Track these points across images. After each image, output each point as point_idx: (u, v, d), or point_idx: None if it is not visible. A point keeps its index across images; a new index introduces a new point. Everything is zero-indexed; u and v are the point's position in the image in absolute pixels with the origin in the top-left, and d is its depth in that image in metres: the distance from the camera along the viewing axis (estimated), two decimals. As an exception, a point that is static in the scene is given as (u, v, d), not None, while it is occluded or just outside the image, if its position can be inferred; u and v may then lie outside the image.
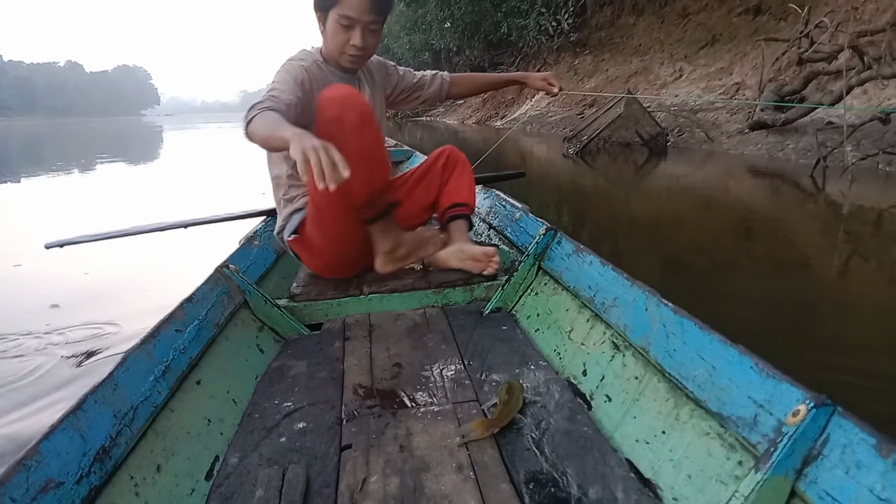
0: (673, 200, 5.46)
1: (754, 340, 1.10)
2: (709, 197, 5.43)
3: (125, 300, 3.35)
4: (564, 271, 1.75)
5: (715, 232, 4.14)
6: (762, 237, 3.95)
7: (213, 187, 8.00)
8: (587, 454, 1.16)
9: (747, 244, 3.78)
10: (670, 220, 4.59)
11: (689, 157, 8.36)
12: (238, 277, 1.79)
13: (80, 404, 1.04)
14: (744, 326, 1.55)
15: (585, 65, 17.32)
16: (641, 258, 3.41)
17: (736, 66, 11.27)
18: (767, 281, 2.94)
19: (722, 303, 2.55)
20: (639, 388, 1.28)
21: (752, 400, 0.99)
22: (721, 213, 4.79)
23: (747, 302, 2.59)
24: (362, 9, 1.74)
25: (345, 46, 1.81)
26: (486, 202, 2.68)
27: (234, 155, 14.73)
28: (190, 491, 1.14)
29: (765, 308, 2.52)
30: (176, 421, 1.26)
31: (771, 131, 7.86)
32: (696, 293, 2.65)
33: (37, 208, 6.73)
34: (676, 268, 3.21)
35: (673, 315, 1.24)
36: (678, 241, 3.88)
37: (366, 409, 1.36)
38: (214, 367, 1.49)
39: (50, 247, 2.28)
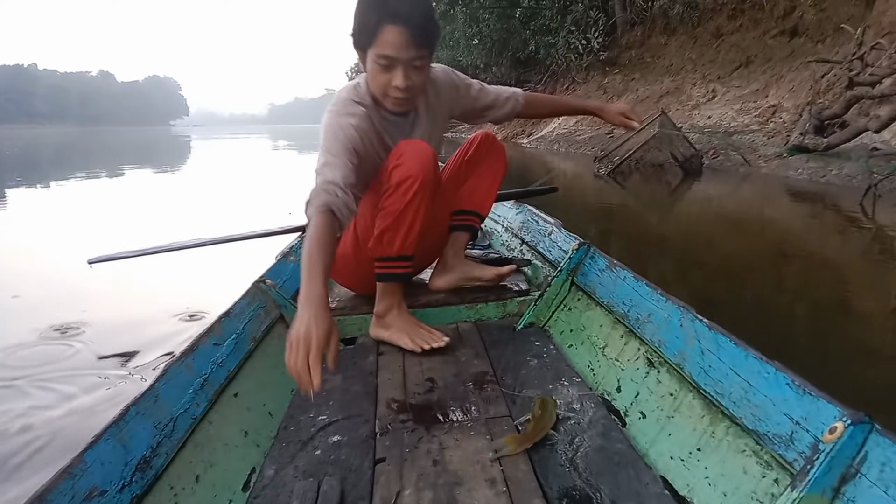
0: (709, 223, 5.36)
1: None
2: (749, 222, 5.28)
3: (164, 314, 3.43)
4: (598, 286, 1.74)
5: (756, 260, 4.01)
6: (810, 266, 3.81)
7: (244, 202, 8.13)
8: (621, 471, 1.15)
9: (792, 273, 3.67)
10: (706, 244, 4.50)
11: (725, 179, 8.20)
12: (274, 292, 1.82)
13: (122, 415, 1.07)
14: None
15: (615, 84, 17.23)
16: (677, 281, 3.37)
17: (772, 89, 11.09)
18: (817, 315, 2.84)
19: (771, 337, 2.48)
20: (674, 404, 1.27)
21: (789, 417, 0.97)
22: (765, 240, 4.62)
23: (793, 336, 2.52)
24: (400, 45, 1.51)
25: (387, 88, 1.60)
26: (518, 217, 2.69)
27: (262, 167, 15.01)
28: (227, 502, 1.16)
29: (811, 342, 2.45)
30: (214, 433, 1.28)
31: (812, 156, 7.65)
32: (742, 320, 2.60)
33: (75, 220, 6.91)
34: (715, 295, 3.15)
35: (708, 331, 1.23)
36: (713, 267, 3.79)
37: (399, 424, 1.38)
38: (251, 380, 1.52)
39: (93, 262, 2.36)
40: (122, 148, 27.20)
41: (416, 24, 1.51)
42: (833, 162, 7.28)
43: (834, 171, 7.12)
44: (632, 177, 8.61)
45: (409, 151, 1.64)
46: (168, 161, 17.78)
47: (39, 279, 4.17)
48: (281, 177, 11.38)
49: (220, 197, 9.06)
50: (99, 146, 28.31)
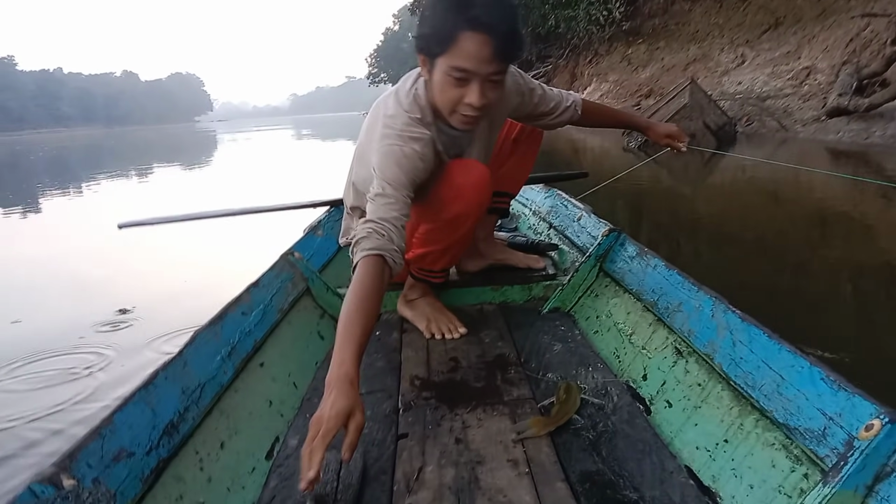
0: (745, 193, 5.16)
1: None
2: (787, 190, 5.09)
3: (193, 283, 3.49)
4: (627, 274, 1.72)
5: (794, 232, 3.88)
6: (851, 237, 3.67)
7: (273, 186, 8.21)
8: (645, 458, 1.14)
9: (834, 246, 3.54)
10: (741, 217, 4.37)
11: (760, 146, 7.90)
12: (302, 265, 1.83)
13: (151, 379, 1.08)
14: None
15: (639, 54, 16.67)
16: (712, 258, 3.29)
17: (804, 50, 10.58)
18: (862, 296, 2.75)
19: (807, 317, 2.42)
20: (701, 394, 1.25)
21: (822, 412, 0.95)
22: (803, 210, 4.44)
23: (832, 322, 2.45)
24: (481, 57, 1.29)
25: (457, 105, 1.39)
26: (546, 201, 2.66)
27: (288, 155, 15.06)
28: (251, 469, 1.18)
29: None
30: (240, 401, 1.30)
31: (852, 118, 7.31)
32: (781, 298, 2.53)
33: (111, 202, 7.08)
34: (750, 276, 3.08)
35: (741, 322, 1.21)
36: (747, 243, 3.68)
37: (422, 400, 1.38)
38: (277, 350, 1.54)
39: (123, 227, 2.39)
40: (152, 146, 27.50)
41: (503, 33, 1.29)
42: (876, 122, 6.99)
43: (877, 132, 6.83)
44: (662, 148, 8.44)
45: (468, 186, 1.53)
46: (198, 156, 18.02)
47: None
48: (306, 161, 11.43)
49: (250, 183, 9.17)
50: (128, 146, 28.56)
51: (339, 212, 2.37)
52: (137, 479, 0.94)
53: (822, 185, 5.06)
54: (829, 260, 3.28)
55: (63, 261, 4.44)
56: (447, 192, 1.54)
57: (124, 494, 0.91)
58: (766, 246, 3.57)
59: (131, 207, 6.91)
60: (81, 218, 6.78)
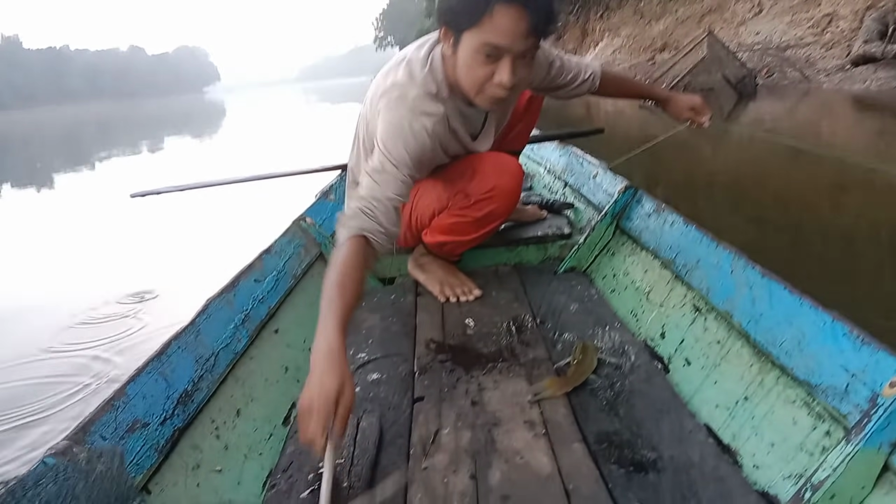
0: (766, 150, 4.98)
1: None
2: (814, 142, 4.92)
3: (203, 251, 3.52)
4: (644, 231, 1.68)
5: (815, 192, 3.75)
6: (877, 193, 3.54)
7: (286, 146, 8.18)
8: (663, 417, 1.13)
9: (857, 205, 3.43)
10: (762, 176, 4.24)
11: (783, 98, 7.64)
12: (314, 230, 1.82)
13: (163, 349, 1.09)
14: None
15: (652, 6, 16.03)
16: (732, 218, 3.22)
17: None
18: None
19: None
20: (720, 352, 1.23)
21: (845, 369, 0.92)
22: (827, 168, 4.29)
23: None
24: (516, 33, 1.19)
25: (485, 84, 1.29)
26: (561, 159, 2.61)
27: (298, 117, 14.87)
28: (268, 436, 1.18)
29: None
30: (255, 368, 1.30)
31: (880, 65, 7.03)
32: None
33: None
34: (769, 238, 3.01)
35: (761, 278, 1.17)
36: (767, 205, 3.58)
37: (437, 363, 1.37)
38: (292, 316, 1.54)
39: (135, 196, 2.39)
40: (165, 117, 27.45)
41: (539, 6, 1.19)
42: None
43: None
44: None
45: (504, 189, 1.50)
46: (209, 125, 18.05)
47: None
48: (315, 124, 11.34)
49: (262, 147, 9.15)
50: (144, 119, 28.50)
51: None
52: (153, 449, 0.95)
53: (843, 138, 4.92)
54: (850, 218, 3.19)
55: (81, 232, 4.51)
56: (480, 189, 1.51)
57: (140, 465, 0.91)
58: (787, 205, 3.48)
59: (146, 179, 6.94)
60: (97, 190, 6.83)
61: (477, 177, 1.52)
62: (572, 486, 0.97)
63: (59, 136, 20.63)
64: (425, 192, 1.62)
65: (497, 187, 1.51)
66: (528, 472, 1.01)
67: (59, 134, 21.87)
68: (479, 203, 1.53)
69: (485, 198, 1.52)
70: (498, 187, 1.51)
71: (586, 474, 0.99)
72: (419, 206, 1.65)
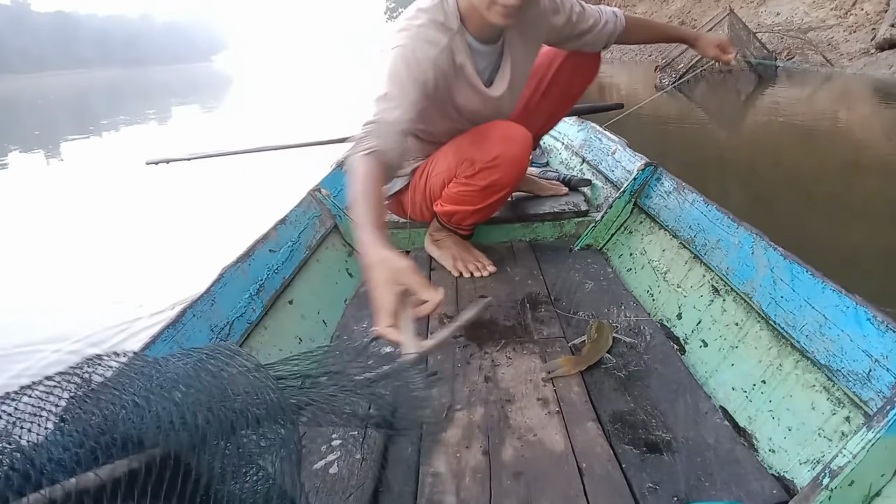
0: (790, 139, 4.87)
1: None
2: (843, 138, 4.76)
3: (219, 219, 3.53)
4: (663, 209, 1.66)
5: (840, 188, 3.66)
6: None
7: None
8: (678, 398, 1.12)
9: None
10: (785, 168, 4.15)
11: (805, 82, 7.39)
12: (329, 201, 1.81)
13: (179, 317, 1.08)
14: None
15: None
16: (747, 200, 3.15)
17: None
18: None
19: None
20: (738, 334, 1.21)
21: (867, 354, 0.91)
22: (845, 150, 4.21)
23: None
24: None
25: (490, 4, 1.30)
26: (579, 135, 2.57)
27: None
28: None
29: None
30: (269, 338, 1.30)
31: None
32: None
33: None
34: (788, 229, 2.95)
35: (783, 260, 1.15)
36: (788, 201, 3.47)
37: (451, 339, 1.37)
38: (306, 288, 1.53)
39: (150, 163, 2.39)
40: (171, 86, 27.24)
41: None
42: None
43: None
44: (698, 86, 7.88)
45: (508, 158, 1.48)
46: (216, 95, 17.86)
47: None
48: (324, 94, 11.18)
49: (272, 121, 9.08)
50: (160, 86, 28.28)
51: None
52: None
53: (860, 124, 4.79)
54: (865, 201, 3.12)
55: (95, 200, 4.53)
56: (484, 157, 1.49)
57: None
58: (800, 186, 3.39)
59: (159, 146, 6.95)
60: (111, 157, 6.85)
61: (482, 145, 1.50)
62: (585, 464, 0.96)
63: (68, 102, 20.55)
64: (437, 162, 1.61)
65: (501, 155, 1.48)
66: (541, 449, 1.00)
67: (69, 100, 21.80)
68: (484, 171, 1.51)
69: (489, 166, 1.50)
70: (502, 155, 1.48)
71: (599, 453, 0.99)
72: (432, 176, 1.64)
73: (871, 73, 7.12)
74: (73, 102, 20.08)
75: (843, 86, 6.98)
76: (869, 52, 7.44)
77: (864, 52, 7.57)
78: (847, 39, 8.31)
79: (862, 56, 7.56)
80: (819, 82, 7.31)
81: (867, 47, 7.55)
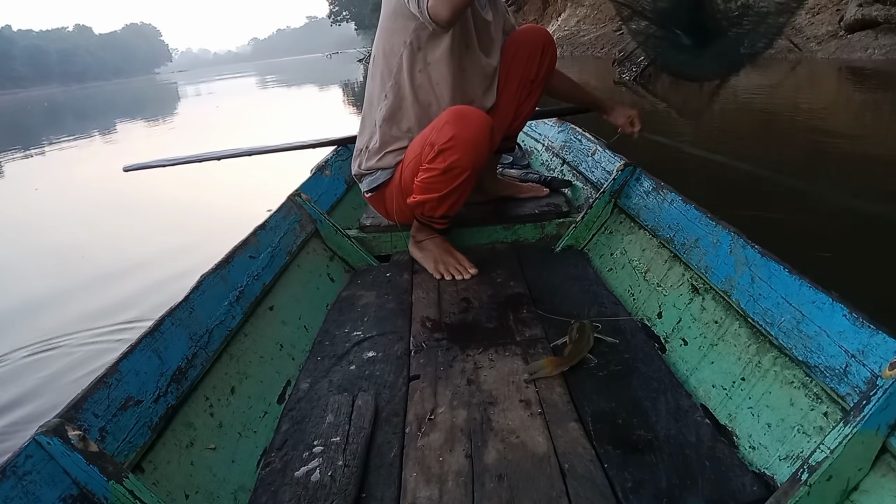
0: (756, 129, 4.80)
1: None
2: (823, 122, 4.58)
3: (198, 227, 3.49)
4: (642, 209, 1.67)
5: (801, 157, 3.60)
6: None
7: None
8: (660, 397, 1.13)
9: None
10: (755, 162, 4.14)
11: (770, 70, 6.99)
12: (310, 206, 1.80)
13: (157, 326, 1.07)
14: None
15: None
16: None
17: None
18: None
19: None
20: (718, 332, 1.22)
21: (844, 350, 0.92)
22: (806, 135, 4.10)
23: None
24: None
25: None
26: (559, 136, 2.58)
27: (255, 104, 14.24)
28: (262, 413, 1.18)
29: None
30: (250, 345, 1.29)
31: (881, 30, 6.37)
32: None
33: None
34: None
35: (760, 258, 1.16)
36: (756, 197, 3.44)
37: (433, 342, 1.37)
38: (287, 293, 1.52)
39: (128, 170, 2.36)
40: (115, 101, 25.88)
41: None
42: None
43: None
44: (660, 79, 7.43)
45: (464, 140, 1.49)
46: (163, 110, 17.12)
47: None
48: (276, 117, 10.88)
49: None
50: (103, 103, 26.90)
51: (347, 151, 2.31)
52: (146, 426, 0.94)
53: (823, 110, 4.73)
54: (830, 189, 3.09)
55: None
56: (441, 139, 1.50)
57: (132, 443, 0.91)
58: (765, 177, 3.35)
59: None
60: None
61: (441, 128, 1.52)
62: (568, 465, 0.96)
63: (2, 123, 19.46)
64: (408, 153, 1.64)
65: (456, 136, 1.49)
66: (524, 451, 1.00)
67: (2, 121, 20.64)
68: (443, 154, 1.51)
69: (446, 147, 1.50)
70: (457, 136, 1.49)
71: (582, 454, 0.99)
72: (405, 171, 1.65)
73: (845, 56, 6.88)
74: (7, 124, 19.01)
75: (815, 70, 6.79)
76: (838, 35, 7.16)
77: (833, 34, 7.27)
78: (811, 22, 8.00)
79: (832, 39, 7.28)
80: (787, 69, 7.08)
81: (835, 29, 7.26)
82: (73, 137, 10.62)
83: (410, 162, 1.62)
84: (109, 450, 0.86)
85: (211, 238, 2.99)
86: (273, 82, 26.77)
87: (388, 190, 1.73)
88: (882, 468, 0.81)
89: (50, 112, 22.55)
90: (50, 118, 19.29)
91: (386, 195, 1.75)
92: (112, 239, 3.60)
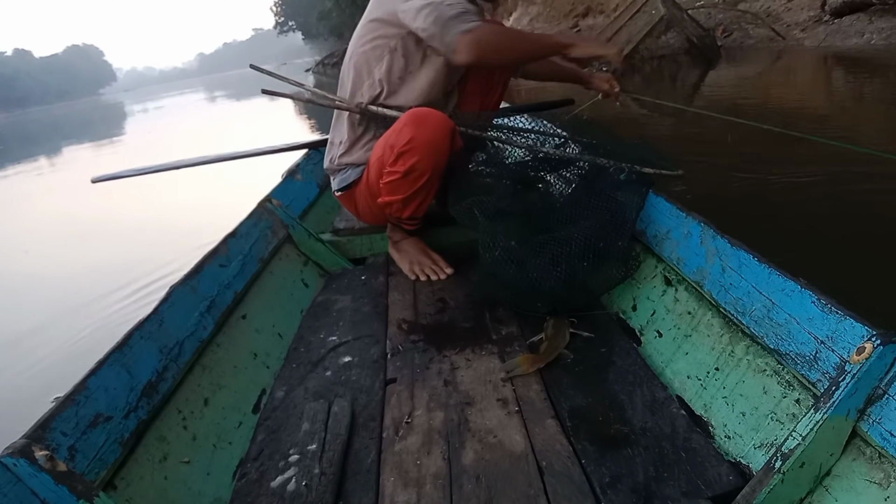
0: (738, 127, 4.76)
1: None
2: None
3: (168, 236, 3.42)
4: None
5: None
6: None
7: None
8: (636, 390, 1.13)
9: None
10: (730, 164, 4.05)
11: (751, 61, 6.72)
12: (281, 212, 1.78)
13: (125, 340, 1.05)
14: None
15: None
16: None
17: None
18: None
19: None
20: (691, 323, 1.23)
21: (813, 336, 0.93)
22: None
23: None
24: None
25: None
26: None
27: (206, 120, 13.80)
28: (237, 424, 1.16)
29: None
30: (223, 355, 1.27)
31: (875, 13, 5.97)
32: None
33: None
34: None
35: (730, 248, 1.17)
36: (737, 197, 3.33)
37: (410, 344, 1.36)
38: (260, 301, 1.50)
39: (96, 181, 2.31)
40: (58, 125, 24.54)
41: None
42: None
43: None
44: (633, 76, 7.12)
45: (419, 139, 1.47)
46: (112, 130, 16.30)
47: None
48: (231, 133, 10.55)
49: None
50: (46, 126, 25.43)
51: (318, 154, 2.29)
52: (117, 443, 0.92)
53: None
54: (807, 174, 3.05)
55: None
56: (400, 142, 1.48)
57: (104, 460, 0.89)
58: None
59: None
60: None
61: (399, 129, 1.50)
62: (545, 463, 0.96)
63: None
64: (372, 156, 1.62)
65: (415, 139, 1.47)
66: (502, 450, 1.00)
67: None
68: (402, 157, 1.50)
69: (405, 150, 1.49)
70: (416, 139, 1.47)
71: (559, 451, 0.99)
72: (371, 172, 1.63)
73: (834, 42, 6.37)
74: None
75: (801, 59, 6.35)
76: (824, 20, 6.68)
77: (817, 20, 6.78)
78: (789, 8, 7.54)
79: (818, 25, 6.78)
80: (771, 59, 6.70)
81: (817, 14, 6.80)
82: (17, 162, 10.32)
83: (375, 163, 1.61)
84: (79, 468, 0.84)
85: (177, 251, 2.94)
86: (222, 96, 25.95)
87: (358, 189, 1.72)
88: (853, 452, 0.82)
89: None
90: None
91: (356, 195, 1.74)
92: (69, 267, 3.48)
